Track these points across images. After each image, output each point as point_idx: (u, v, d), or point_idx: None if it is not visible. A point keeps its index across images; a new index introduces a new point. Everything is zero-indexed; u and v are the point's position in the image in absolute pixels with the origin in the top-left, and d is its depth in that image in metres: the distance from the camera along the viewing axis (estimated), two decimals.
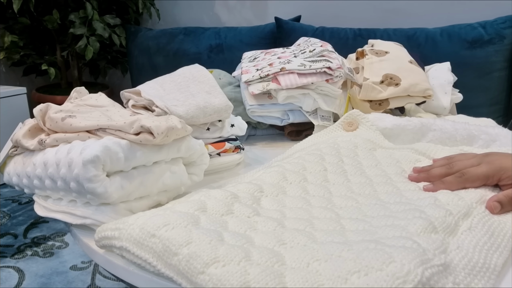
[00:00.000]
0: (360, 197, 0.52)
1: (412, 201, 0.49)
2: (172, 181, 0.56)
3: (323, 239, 0.41)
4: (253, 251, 0.37)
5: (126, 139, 0.51)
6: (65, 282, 1.40)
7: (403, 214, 0.45)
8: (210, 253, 0.37)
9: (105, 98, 0.64)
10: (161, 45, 2.06)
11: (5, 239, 1.66)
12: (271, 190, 0.52)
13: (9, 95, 2.01)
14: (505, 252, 0.43)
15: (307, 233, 0.42)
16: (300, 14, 2.03)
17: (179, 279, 0.38)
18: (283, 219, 0.46)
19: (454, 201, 0.48)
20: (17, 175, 0.56)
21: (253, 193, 0.51)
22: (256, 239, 0.41)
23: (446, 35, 1.65)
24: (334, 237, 0.41)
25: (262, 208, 0.49)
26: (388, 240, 0.39)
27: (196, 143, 0.59)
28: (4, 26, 2.15)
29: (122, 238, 0.43)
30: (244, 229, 0.43)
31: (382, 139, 0.69)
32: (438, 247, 0.39)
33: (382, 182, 0.55)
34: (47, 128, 0.55)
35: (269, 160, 0.72)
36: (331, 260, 0.36)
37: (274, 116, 0.85)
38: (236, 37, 1.97)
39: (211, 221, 0.43)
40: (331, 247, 0.38)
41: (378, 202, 0.50)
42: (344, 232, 0.42)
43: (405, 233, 0.40)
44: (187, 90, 0.71)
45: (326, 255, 0.37)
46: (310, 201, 0.51)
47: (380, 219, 0.45)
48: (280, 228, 0.43)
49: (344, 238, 0.41)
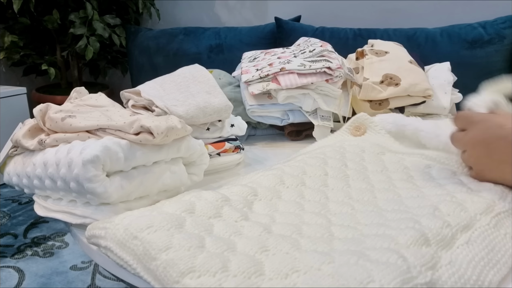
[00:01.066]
0: (357, 203, 0.51)
1: (411, 209, 0.48)
2: (172, 181, 0.56)
3: (307, 247, 0.40)
4: (232, 260, 0.37)
5: (126, 139, 0.51)
6: (65, 282, 1.40)
7: (396, 223, 0.44)
8: (187, 262, 0.36)
9: (105, 98, 0.64)
10: (161, 45, 2.07)
11: (5, 239, 1.66)
12: (266, 194, 0.52)
13: (9, 95, 2.01)
14: (503, 269, 0.40)
15: (293, 240, 0.41)
16: (300, 14, 2.03)
17: (156, 284, 0.38)
18: (272, 224, 0.45)
19: (455, 212, 0.46)
20: (17, 175, 0.56)
21: (246, 196, 0.50)
22: (239, 244, 0.40)
23: (446, 35, 1.66)
24: (318, 245, 0.40)
25: (252, 212, 0.48)
26: (373, 251, 0.38)
27: (196, 143, 0.59)
28: (4, 26, 2.15)
29: (107, 238, 0.43)
30: (228, 234, 0.42)
31: (392, 142, 0.67)
32: (426, 263, 0.37)
33: (384, 189, 0.54)
34: (47, 129, 0.55)
35: (269, 160, 0.72)
36: (310, 272, 0.36)
37: (274, 116, 0.85)
38: (236, 37, 1.98)
39: (196, 223, 0.43)
40: (313, 257, 0.38)
41: (375, 209, 0.49)
42: (332, 240, 0.42)
43: (393, 245, 0.39)
44: (187, 90, 0.71)
45: (306, 267, 0.36)
46: (304, 206, 0.50)
47: (372, 227, 0.44)
48: (265, 233, 0.43)
49: (329, 247, 0.40)
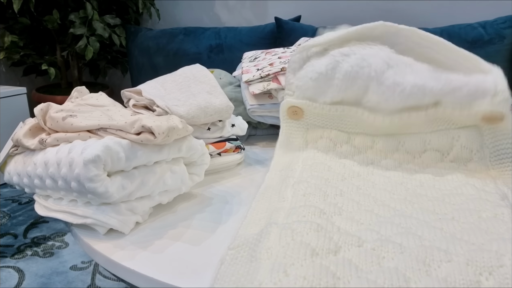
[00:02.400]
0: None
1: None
2: (173, 180, 0.56)
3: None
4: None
5: (127, 139, 0.51)
6: (65, 282, 1.40)
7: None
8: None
9: (106, 97, 0.64)
10: (161, 45, 2.06)
11: (5, 239, 1.66)
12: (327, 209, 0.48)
13: (9, 95, 2.01)
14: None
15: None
16: (300, 14, 2.03)
17: None
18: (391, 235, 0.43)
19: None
20: (18, 174, 0.56)
21: (319, 215, 0.46)
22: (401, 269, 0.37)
23: (446, 35, 1.65)
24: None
25: (346, 230, 0.44)
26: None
27: (197, 143, 0.59)
28: (4, 26, 2.15)
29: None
30: (374, 264, 0.39)
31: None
32: None
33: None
34: (48, 128, 0.55)
35: (270, 160, 0.72)
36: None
37: (275, 116, 0.85)
38: (236, 37, 1.97)
39: (342, 270, 0.37)
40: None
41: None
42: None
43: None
44: (188, 90, 0.71)
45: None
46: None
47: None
48: (399, 248, 0.40)
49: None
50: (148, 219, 0.55)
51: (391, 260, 0.38)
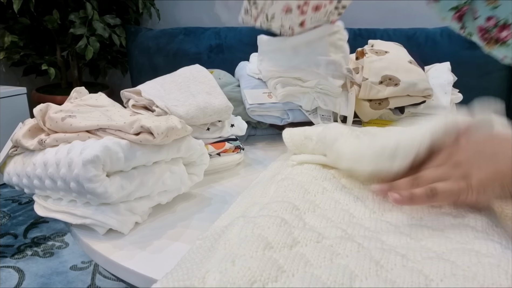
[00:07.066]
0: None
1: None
2: (172, 181, 0.56)
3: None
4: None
5: (126, 140, 0.51)
6: (65, 282, 1.40)
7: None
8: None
9: (105, 98, 0.64)
10: (161, 45, 2.06)
11: (5, 239, 1.66)
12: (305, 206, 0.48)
13: (9, 95, 2.01)
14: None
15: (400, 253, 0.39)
16: None
17: None
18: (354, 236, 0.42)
19: None
20: (17, 175, 0.56)
21: (291, 211, 0.46)
22: (354, 269, 0.37)
23: (446, 35, 1.65)
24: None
25: (316, 228, 0.44)
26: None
27: (196, 143, 0.59)
28: (4, 26, 2.15)
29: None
30: (334, 261, 0.38)
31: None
32: None
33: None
34: (47, 128, 0.55)
35: (269, 160, 0.72)
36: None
37: (274, 116, 0.85)
38: (236, 37, 1.97)
39: (291, 262, 0.37)
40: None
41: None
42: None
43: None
44: (188, 90, 0.71)
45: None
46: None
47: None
48: (362, 249, 0.40)
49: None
50: (147, 219, 0.55)
51: (345, 257, 0.38)
